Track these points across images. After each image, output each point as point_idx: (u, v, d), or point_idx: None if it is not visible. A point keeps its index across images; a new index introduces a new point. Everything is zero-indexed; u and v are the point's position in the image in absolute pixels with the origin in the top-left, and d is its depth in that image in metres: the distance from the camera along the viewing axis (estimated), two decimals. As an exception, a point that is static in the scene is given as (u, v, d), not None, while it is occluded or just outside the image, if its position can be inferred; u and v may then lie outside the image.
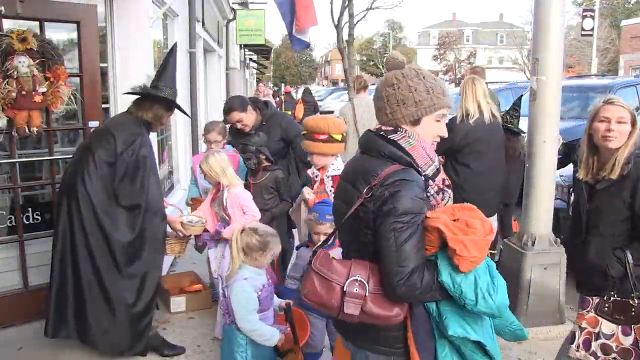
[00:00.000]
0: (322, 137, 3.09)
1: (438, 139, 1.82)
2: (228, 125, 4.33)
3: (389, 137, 1.76)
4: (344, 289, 1.66)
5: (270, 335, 2.62)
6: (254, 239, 2.66)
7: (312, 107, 15.35)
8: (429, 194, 1.76)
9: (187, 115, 3.90)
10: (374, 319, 1.67)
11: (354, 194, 1.74)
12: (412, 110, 1.74)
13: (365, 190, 1.68)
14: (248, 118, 4.07)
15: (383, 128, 1.80)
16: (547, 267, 3.74)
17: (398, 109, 1.75)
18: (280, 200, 3.82)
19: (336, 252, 2.35)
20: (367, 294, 1.65)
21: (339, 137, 3.08)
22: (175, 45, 3.51)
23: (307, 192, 3.24)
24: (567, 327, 3.76)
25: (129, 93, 3.35)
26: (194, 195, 4.23)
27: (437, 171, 1.80)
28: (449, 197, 1.83)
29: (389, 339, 1.75)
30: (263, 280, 2.73)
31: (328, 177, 3.12)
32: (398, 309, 1.67)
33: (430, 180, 1.77)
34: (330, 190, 3.10)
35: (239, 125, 4.07)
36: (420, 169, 1.74)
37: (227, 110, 4.08)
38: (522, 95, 4.80)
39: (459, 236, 1.58)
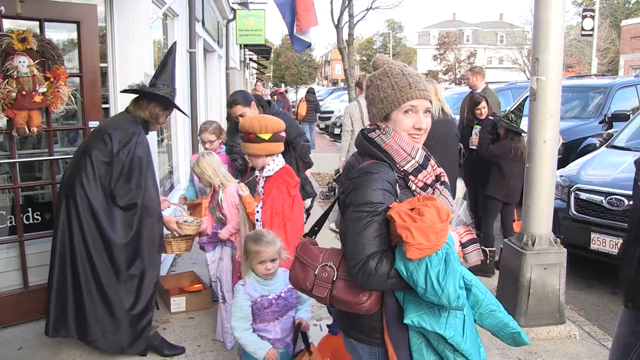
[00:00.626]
0: (250, 137, 3.02)
1: (419, 132, 1.83)
2: (227, 123, 4.34)
3: (368, 135, 1.86)
4: (316, 273, 1.78)
5: (256, 348, 2.51)
6: (247, 244, 2.56)
7: (314, 106, 15.43)
8: (412, 189, 1.80)
9: (185, 114, 3.91)
10: (342, 304, 1.76)
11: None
12: (379, 107, 1.84)
13: (342, 183, 1.83)
14: (251, 113, 4.09)
15: (366, 127, 1.92)
16: (547, 267, 3.74)
17: (371, 108, 1.88)
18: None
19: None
20: (334, 279, 1.75)
21: (266, 136, 2.96)
22: (174, 45, 3.51)
23: (242, 188, 3.18)
24: (567, 327, 3.77)
25: (125, 91, 3.36)
26: (189, 195, 4.22)
27: (421, 167, 1.82)
28: (440, 193, 1.85)
29: (370, 328, 1.81)
30: (265, 291, 2.56)
31: (263, 177, 3.05)
32: (364, 297, 1.72)
33: (411, 176, 1.80)
34: (261, 192, 3.03)
35: (241, 120, 4.10)
36: (397, 165, 1.79)
37: (231, 103, 4.12)
38: (527, 98, 4.81)
39: (406, 223, 1.59)
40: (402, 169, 1.79)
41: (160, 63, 3.45)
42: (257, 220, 2.99)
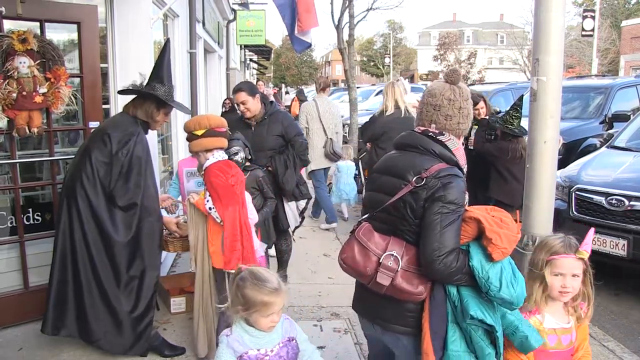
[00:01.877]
0: (188, 136, 3.23)
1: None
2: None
3: (437, 137, 2.05)
4: (380, 261, 1.89)
5: None
6: (249, 292, 1.94)
7: None
8: None
9: (182, 109, 3.90)
10: (399, 293, 1.90)
11: (399, 184, 1.98)
12: (456, 125, 2.11)
13: (415, 179, 1.93)
14: (253, 105, 4.13)
15: (430, 130, 2.08)
16: (547, 267, 3.73)
17: (450, 118, 2.10)
18: (265, 199, 3.81)
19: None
20: (399, 269, 1.88)
21: (199, 132, 3.15)
22: (168, 41, 3.51)
23: (193, 196, 3.27)
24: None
25: (121, 92, 3.39)
26: (172, 194, 4.20)
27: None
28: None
29: (407, 317, 1.96)
30: (256, 344, 1.97)
31: (202, 171, 3.21)
32: (422, 287, 1.90)
33: None
34: (203, 185, 3.18)
35: (242, 107, 4.13)
36: (462, 168, 2.02)
37: (236, 90, 4.19)
38: (522, 96, 4.83)
39: (494, 228, 1.82)
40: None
41: (156, 61, 3.44)
42: (209, 208, 3.11)
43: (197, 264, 3.26)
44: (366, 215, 2.06)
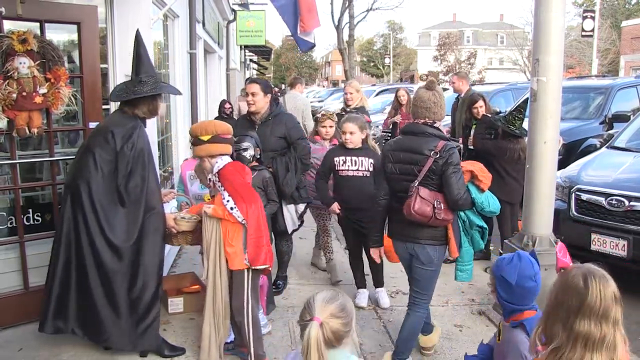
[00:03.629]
0: (194, 140, 3.25)
1: None
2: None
3: (434, 125, 3.16)
4: (435, 206, 2.98)
5: None
6: (337, 323, 1.71)
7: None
8: None
9: (178, 93, 3.88)
10: (442, 222, 3.03)
11: (421, 157, 3.03)
12: (439, 116, 3.20)
13: (432, 153, 2.99)
14: (262, 100, 4.15)
15: (428, 121, 3.15)
16: (547, 268, 3.72)
17: (437, 113, 3.17)
18: (268, 201, 3.81)
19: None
20: (442, 208, 3.00)
21: (205, 138, 3.18)
22: (138, 32, 3.44)
23: (207, 208, 3.23)
24: (567, 328, 3.76)
25: (120, 99, 3.35)
26: (174, 209, 4.21)
27: None
28: None
29: (436, 235, 3.13)
30: None
31: (215, 175, 3.18)
32: (451, 216, 3.07)
33: None
34: (220, 187, 3.14)
35: (250, 98, 4.13)
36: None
37: (252, 80, 4.26)
38: (527, 99, 4.83)
39: (484, 175, 3.23)
40: None
41: (134, 56, 3.39)
42: (231, 208, 3.09)
43: (209, 268, 3.19)
44: (416, 182, 3.01)
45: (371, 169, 4.06)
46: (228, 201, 3.11)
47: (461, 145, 5.39)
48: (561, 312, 1.64)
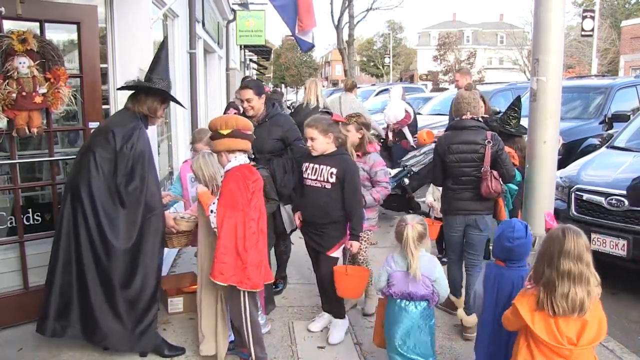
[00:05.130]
0: (213, 134, 3.14)
1: None
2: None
3: (478, 119, 3.86)
4: (500, 183, 3.67)
5: None
6: (420, 227, 2.99)
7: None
8: None
9: (182, 106, 3.93)
10: (493, 193, 3.63)
11: (477, 146, 3.68)
12: (478, 110, 3.96)
13: (487, 142, 3.66)
14: (258, 104, 4.14)
15: (474, 117, 3.83)
16: (547, 267, 3.74)
17: (476, 107, 3.88)
18: (268, 200, 3.79)
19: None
20: (500, 185, 3.66)
21: (225, 131, 3.07)
22: (165, 39, 3.55)
23: (200, 187, 3.31)
24: (567, 328, 3.76)
25: (122, 88, 3.40)
26: (176, 192, 4.21)
27: None
28: None
29: (489, 205, 3.77)
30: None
31: (224, 174, 3.15)
32: (501, 189, 3.67)
33: None
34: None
35: (246, 104, 4.14)
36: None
37: (243, 86, 4.20)
38: (520, 96, 4.84)
39: (513, 153, 4.14)
40: None
41: (153, 58, 3.46)
42: (211, 211, 3.07)
43: (204, 268, 3.24)
44: (487, 166, 3.62)
45: (332, 179, 3.49)
46: (214, 202, 3.08)
47: None
48: (547, 257, 2.26)
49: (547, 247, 2.27)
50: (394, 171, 6.53)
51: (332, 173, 3.49)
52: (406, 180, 6.50)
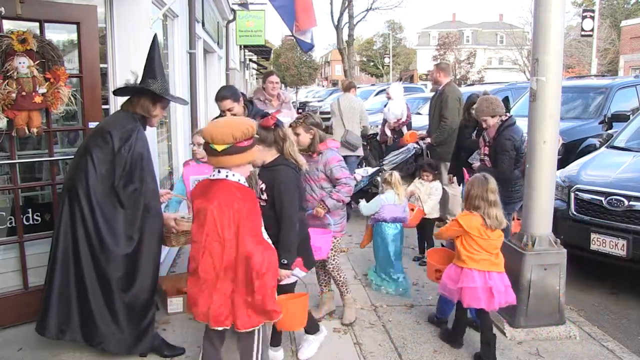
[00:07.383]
0: (206, 146, 2.72)
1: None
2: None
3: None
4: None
5: None
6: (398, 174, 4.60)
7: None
8: None
9: (174, 101, 3.89)
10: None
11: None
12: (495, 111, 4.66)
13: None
14: (238, 108, 4.15)
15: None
16: (547, 267, 3.74)
17: (499, 106, 4.61)
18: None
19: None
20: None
21: (219, 148, 2.60)
22: (155, 37, 3.50)
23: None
24: (567, 328, 3.76)
25: (116, 92, 3.39)
26: (179, 191, 4.21)
27: None
28: None
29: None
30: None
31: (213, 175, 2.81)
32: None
33: None
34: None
35: (228, 115, 4.11)
36: None
37: (221, 97, 4.09)
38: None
39: None
40: None
41: (146, 58, 3.43)
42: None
43: None
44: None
45: (264, 196, 3.05)
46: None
47: (423, 146, 6.42)
48: (478, 193, 3.40)
49: (477, 187, 3.40)
50: (370, 170, 6.56)
51: (262, 189, 3.08)
52: (378, 179, 6.50)
